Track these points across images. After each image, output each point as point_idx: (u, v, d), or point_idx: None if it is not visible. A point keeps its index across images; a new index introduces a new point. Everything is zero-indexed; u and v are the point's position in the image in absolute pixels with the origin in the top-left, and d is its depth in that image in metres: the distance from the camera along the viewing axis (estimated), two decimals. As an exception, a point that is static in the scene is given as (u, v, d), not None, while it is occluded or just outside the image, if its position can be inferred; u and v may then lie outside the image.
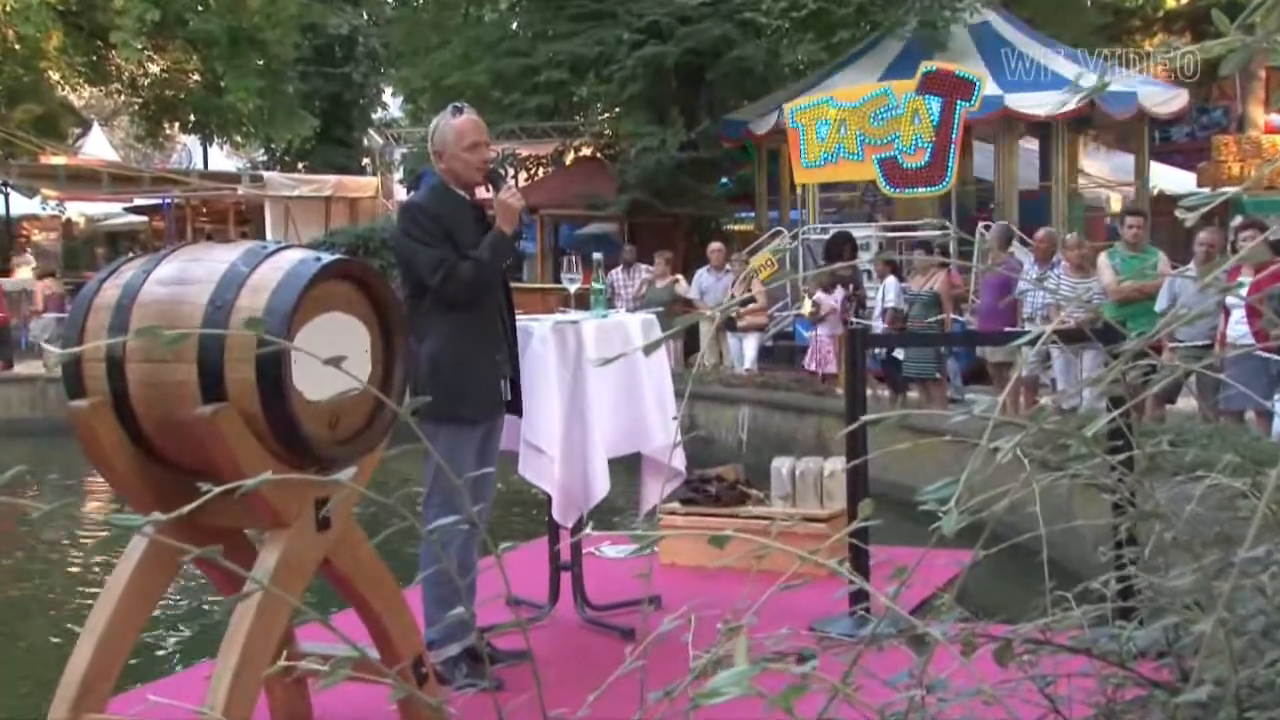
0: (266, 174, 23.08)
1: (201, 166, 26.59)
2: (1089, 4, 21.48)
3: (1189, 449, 1.68)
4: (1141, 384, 1.36)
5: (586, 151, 20.25)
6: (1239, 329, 7.29)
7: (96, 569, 7.49)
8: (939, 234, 13.65)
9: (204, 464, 2.74)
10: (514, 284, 4.55)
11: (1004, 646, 1.33)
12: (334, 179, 23.15)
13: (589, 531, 5.69)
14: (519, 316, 4.40)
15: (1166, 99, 14.77)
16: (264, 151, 28.66)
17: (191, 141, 29.15)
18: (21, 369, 15.24)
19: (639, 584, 4.87)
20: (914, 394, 10.51)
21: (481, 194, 4.25)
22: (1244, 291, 1.72)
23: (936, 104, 13.62)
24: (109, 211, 25.59)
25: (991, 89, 14.05)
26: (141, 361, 2.82)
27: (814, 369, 11.52)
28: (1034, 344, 1.30)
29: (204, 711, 2.60)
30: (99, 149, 27.44)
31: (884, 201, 16.46)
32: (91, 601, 2.92)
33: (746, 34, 16.92)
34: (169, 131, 25.61)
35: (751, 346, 12.47)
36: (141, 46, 18.62)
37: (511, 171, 19.22)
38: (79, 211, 24.72)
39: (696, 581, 4.84)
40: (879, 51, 16.68)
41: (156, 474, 2.93)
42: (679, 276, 13.55)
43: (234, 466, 2.67)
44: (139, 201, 23.89)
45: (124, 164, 26.45)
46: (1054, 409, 1.30)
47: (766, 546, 1.10)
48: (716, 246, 13.43)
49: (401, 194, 22.37)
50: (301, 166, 26.44)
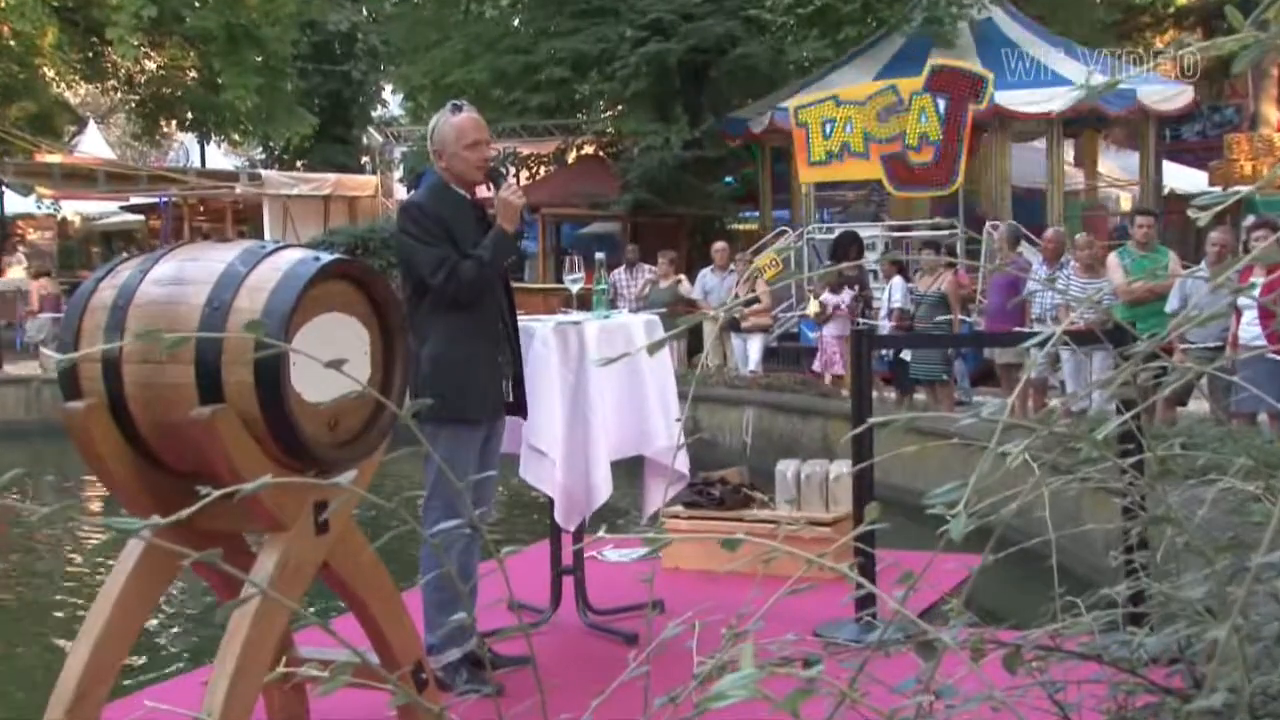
0: (265, 172, 23.10)
1: (199, 165, 26.63)
2: (1099, 1, 21.46)
3: (1201, 452, 1.68)
4: (1153, 386, 1.35)
5: (589, 150, 20.24)
6: (1251, 330, 7.29)
7: (94, 572, 7.50)
8: (946, 234, 13.65)
9: (201, 467, 2.74)
10: (515, 284, 4.55)
11: (1013, 652, 1.33)
12: (333, 178, 23.17)
13: (602, 534, 5.70)
14: (520, 317, 4.40)
15: (1169, 96, 14.63)
16: (262, 150, 28.69)
17: (189, 139, 29.21)
18: (16, 370, 15.25)
19: (641, 588, 4.86)
20: (921, 396, 10.50)
21: (482, 193, 4.25)
22: (1256, 292, 1.72)
23: (944, 102, 13.60)
24: (105, 210, 25.63)
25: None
26: (138, 363, 2.82)
27: (819, 370, 11.52)
28: (1043, 345, 1.30)
29: (201, 717, 2.60)
30: (95, 147, 27.48)
31: (880, 201, 16.45)
32: (88, 605, 2.92)
33: (751, 31, 16.92)
34: (166, 129, 25.65)
35: (756, 348, 12.46)
36: (138, 43, 18.63)
37: (512, 170, 19.21)
38: (74, 210, 24.76)
39: (700, 586, 4.85)
40: (878, 50, 16.68)
41: (153, 477, 2.93)
42: (681, 277, 13.55)
43: (232, 469, 2.67)
44: (135, 200, 23.92)
45: (120, 162, 26.51)
46: (1063, 411, 1.30)
47: (773, 550, 1.10)
48: (720, 246, 13.42)
49: (401, 193, 22.38)
50: (300, 165, 26.47)
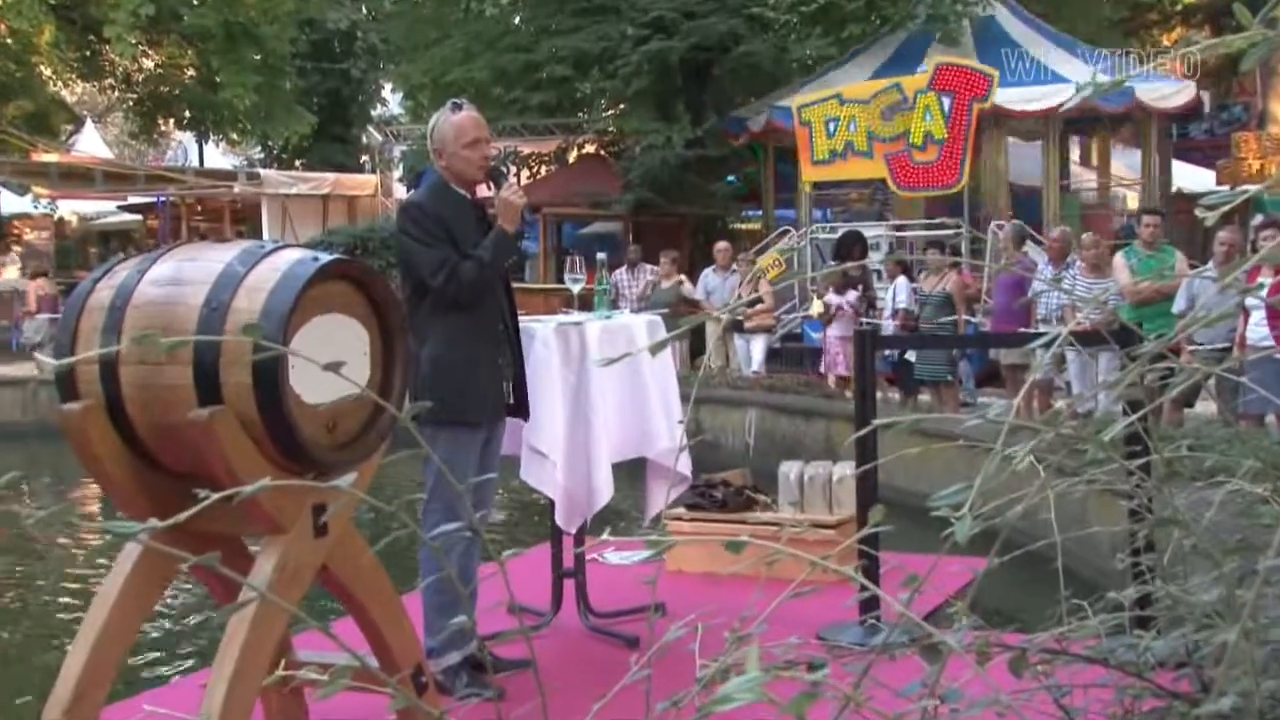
0: (263, 172, 23.12)
1: (197, 164, 26.65)
2: (1105, -2, 21.47)
3: (1208, 454, 1.68)
4: (1159, 387, 1.35)
5: (590, 149, 20.24)
6: (1259, 331, 7.29)
7: (92, 574, 7.50)
8: (950, 233, 13.65)
9: (199, 469, 2.74)
10: (515, 284, 4.55)
11: (1019, 656, 1.33)
12: (332, 177, 23.18)
13: (606, 536, 5.68)
14: (521, 317, 4.40)
15: (1168, 93, 14.48)
16: (261, 149, 28.72)
17: (187, 138, 29.24)
18: (12, 371, 15.25)
19: (643, 591, 4.86)
20: (925, 397, 10.49)
21: (483, 192, 4.25)
22: (1264, 293, 1.72)
23: (948, 100, 13.60)
24: (102, 210, 25.64)
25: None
26: (135, 364, 2.82)
27: (824, 371, 11.51)
28: (1049, 346, 1.30)
29: (199, 721, 2.60)
30: (92, 146, 27.50)
31: (884, 201, 16.44)
32: (85, 608, 2.93)
33: (754, 29, 16.91)
34: (164, 128, 25.67)
35: (759, 348, 12.46)
36: (135, 41, 18.65)
37: (513, 169, 19.22)
38: (71, 210, 24.76)
39: (702, 589, 4.85)
40: (876, 47, 16.69)
41: (151, 479, 2.93)
42: (682, 278, 13.54)
43: (230, 471, 2.67)
44: (133, 200, 23.94)
45: (118, 161, 26.52)
46: (1069, 413, 1.30)
47: (777, 553, 1.10)
48: (722, 246, 13.41)
49: (401, 192, 22.39)
50: (299, 164, 26.49)
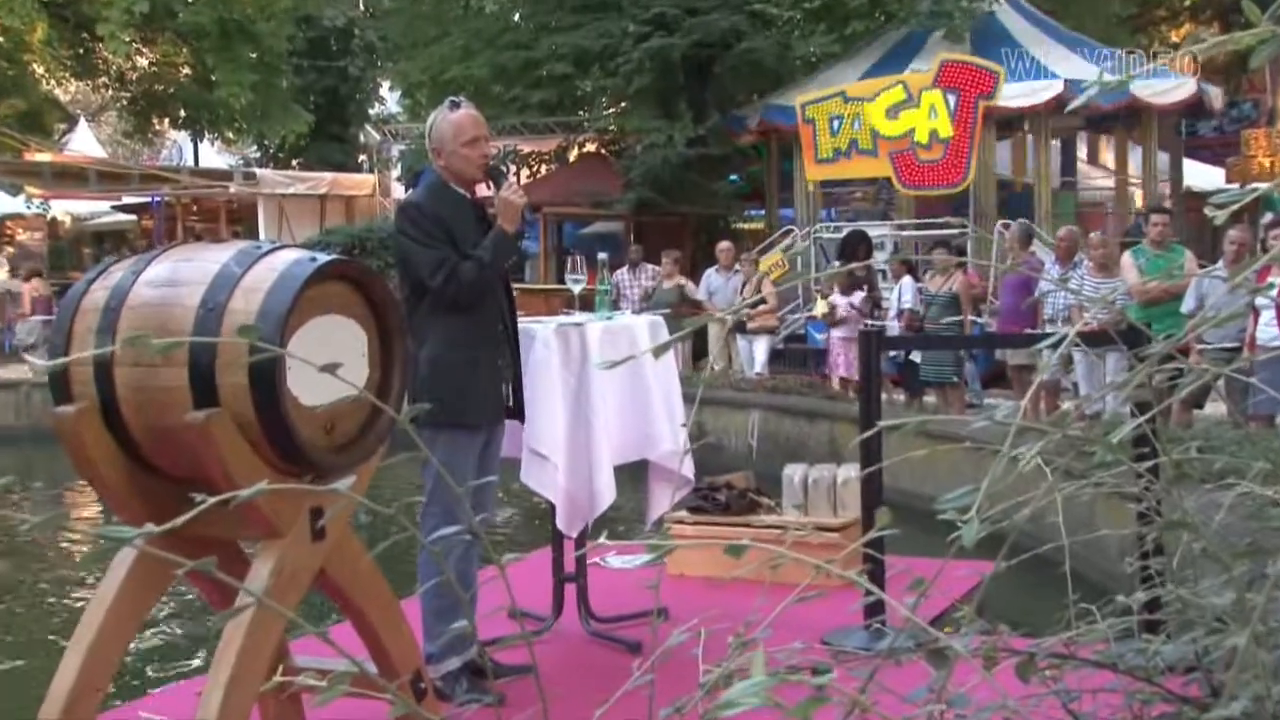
0: (259, 171, 23.12)
1: (192, 163, 26.65)
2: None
3: (1218, 456, 1.68)
4: (1168, 388, 1.35)
5: (591, 148, 20.25)
6: (1269, 331, 7.28)
7: (86, 579, 7.51)
8: (955, 232, 13.65)
9: (196, 472, 2.74)
10: (515, 284, 4.55)
11: (1026, 661, 1.33)
12: (329, 176, 23.19)
13: (603, 540, 5.70)
14: (521, 318, 4.40)
15: (1166, 89, 14.38)
16: (257, 148, 28.71)
17: (181, 138, 29.22)
18: (6, 373, 15.27)
19: (645, 596, 4.86)
20: (931, 398, 10.49)
21: (482, 191, 4.25)
22: (1275, 292, 1.72)
23: (954, 98, 13.60)
24: (96, 210, 25.63)
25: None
26: (130, 366, 2.82)
27: (827, 373, 11.51)
28: (1057, 347, 1.30)
29: (195, 728, 2.60)
30: (86, 145, 27.50)
31: (889, 200, 16.42)
32: (80, 613, 2.93)
33: (756, 26, 16.92)
34: (158, 127, 25.72)
35: (762, 349, 12.45)
36: (129, 39, 18.65)
37: (513, 168, 19.23)
38: (65, 210, 24.75)
39: (705, 593, 4.85)
40: (874, 44, 16.69)
41: (146, 482, 2.93)
42: (684, 280, 13.53)
43: (226, 474, 2.67)
44: (127, 200, 23.94)
45: (112, 161, 26.54)
46: (1077, 414, 1.30)
47: (781, 556, 1.11)
48: (725, 246, 13.41)
49: (399, 192, 22.40)
50: (296, 164, 26.48)
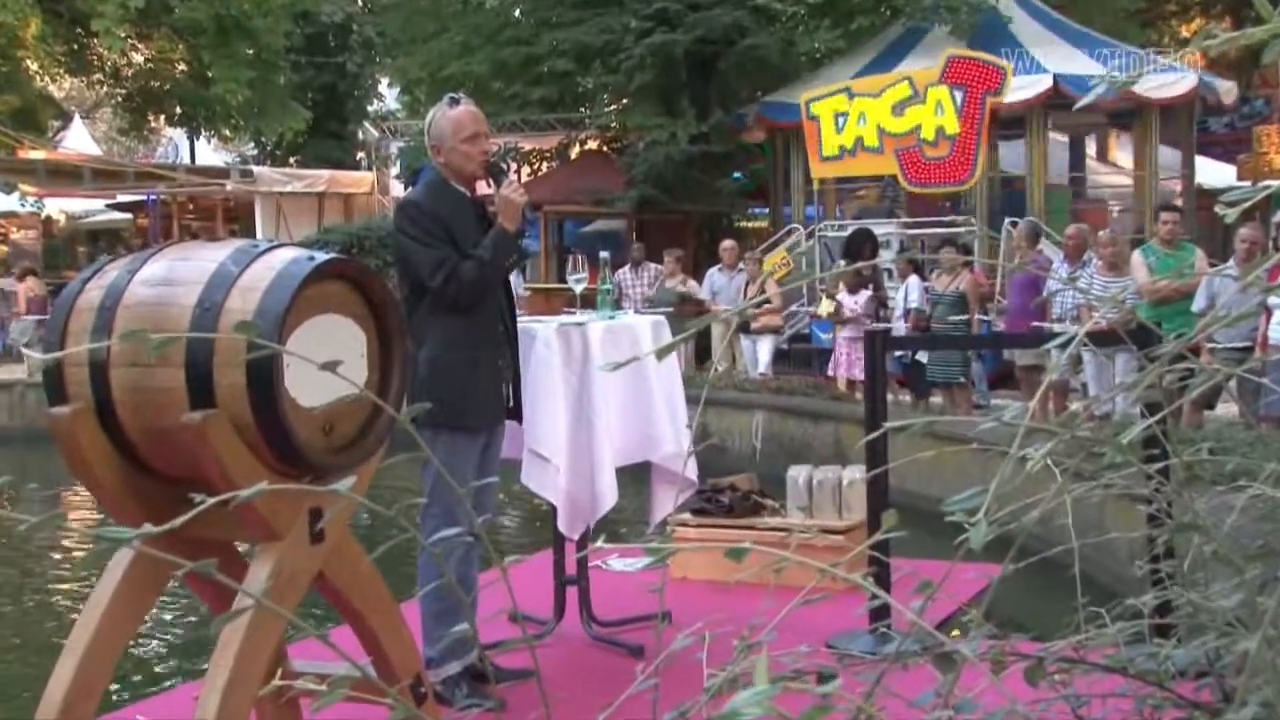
0: (256, 169, 23.15)
1: (188, 161, 26.65)
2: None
3: (1230, 457, 1.68)
4: (1179, 389, 1.35)
5: (592, 145, 20.26)
6: (1281, 331, 7.28)
7: (81, 582, 7.51)
8: (963, 230, 13.64)
9: (192, 473, 2.75)
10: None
11: (1035, 665, 1.33)
12: (327, 174, 23.21)
13: (601, 544, 5.70)
14: (521, 318, 4.40)
15: (1163, 84, 14.29)
16: (254, 145, 28.74)
17: (178, 135, 29.24)
18: (0, 374, 15.29)
19: (647, 599, 4.86)
20: (937, 399, 10.49)
21: (482, 189, 4.25)
22: (1287, 291, 1.72)
23: (960, 94, 13.59)
24: (90, 208, 25.66)
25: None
26: (126, 366, 2.82)
27: (833, 374, 11.50)
28: (1065, 347, 1.30)
29: (192, 733, 2.61)
30: (80, 143, 27.52)
31: (895, 198, 16.41)
32: (75, 616, 2.93)
33: (760, 21, 16.92)
34: (154, 124, 25.70)
35: (766, 350, 12.45)
36: (125, 35, 18.66)
37: (514, 166, 19.23)
38: (59, 208, 24.78)
39: (708, 596, 4.84)
40: (874, 41, 16.68)
41: (142, 484, 2.93)
42: (686, 279, 13.51)
43: (224, 476, 2.67)
44: (122, 198, 23.97)
45: (106, 159, 26.56)
46: (1086, 415, 1.30)
47: (785, 559, 1.11)
48: (729, 244, 13.41)
49: (398, 189, 22.43)
50: (293, 161, 26.51)
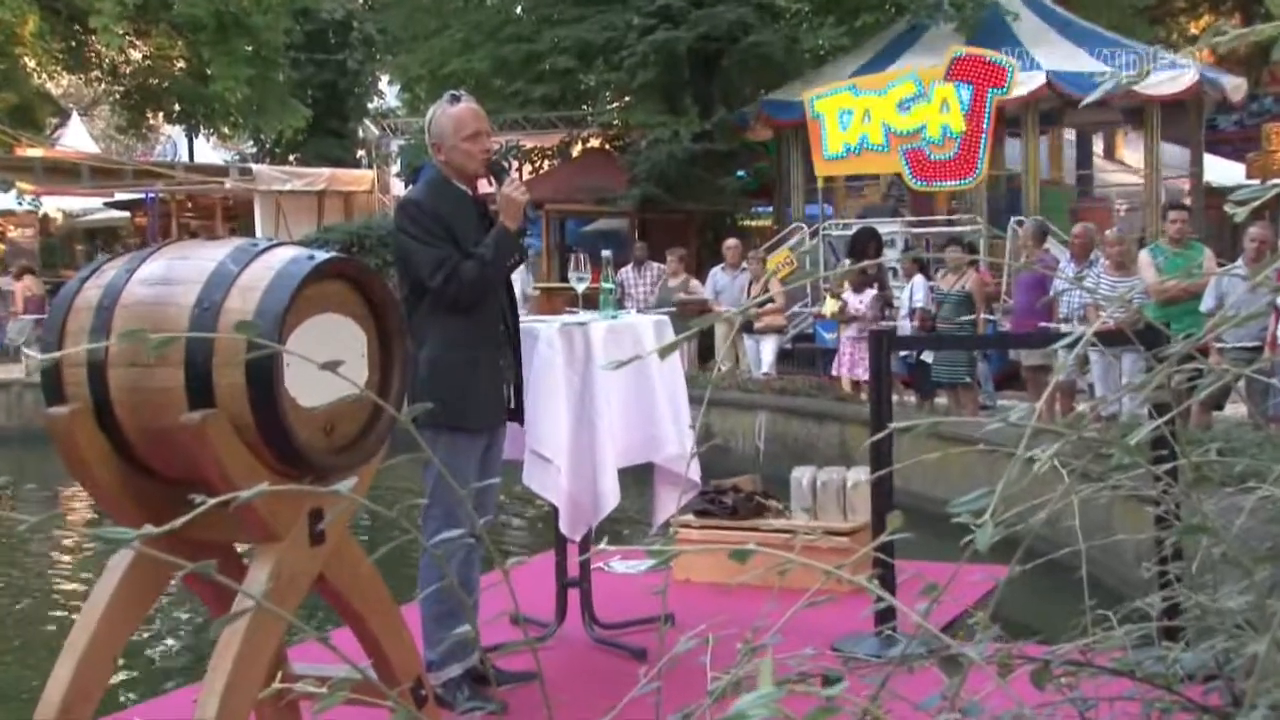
0: (256, 167, 23.16)
1: (187, 159, 26.67)
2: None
3: (1238, 458, 1.68)
4: (1187, 389, 1.35)
5: (594, 143, 20.26)
6: (1290, 330, 7.27)
7: (79, 583, 7.52)
8: (968, 229, 13.63)
9: (191, 474, 2.75)
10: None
11: (1042, 668, 1.33)
12: (327, 172, 23.22)
13: (605, 546, 5.69)
14: (523, 318, 4.40)
15: (1163, 80, 14.17)
16: (253, 143, 28.76)
17: (176, 133, 29.27)
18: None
19: (649, 601, 4.86)
20: (942, 399, 10.48)
21: (484, 187, 4.25)
22: (1296, 291, 1.72)
23: (967, 92, 13.59)
24: (88, 207, 25.70)
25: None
26: (125, 366, 2.83)
27: (836, 374, 11.49)
28: (1073, 347, 1.30)
29: (191, 736, 2.61)
30: (78, 140, 27.56)
31: (899, 196, 16.40)
32: (72, 618, 2.93)
33: (764, 18, 16.92)
34: (152, 122, 25.74)
35: (769, 349, 12.44)
36: (123, 31, 18.69)
37: (515, 164, 19.24)
38: (56, 207, 24.81)
39: (711, 598, 4.84)
40: (872, 39, 16.67)
41: (140, 485, 2.94)
42: (690, 280, 13.50)
43: (223, 477, 2.67)
44: (120, 196, 23.99)
45: (104, 156, 26.57)
46: (1094, 416, 1.30)
47: (789, 562, 1.11)
48: (732, 243, 13.40)
49: (399, 188, 22.44)
50: (293, 159, 26.52)
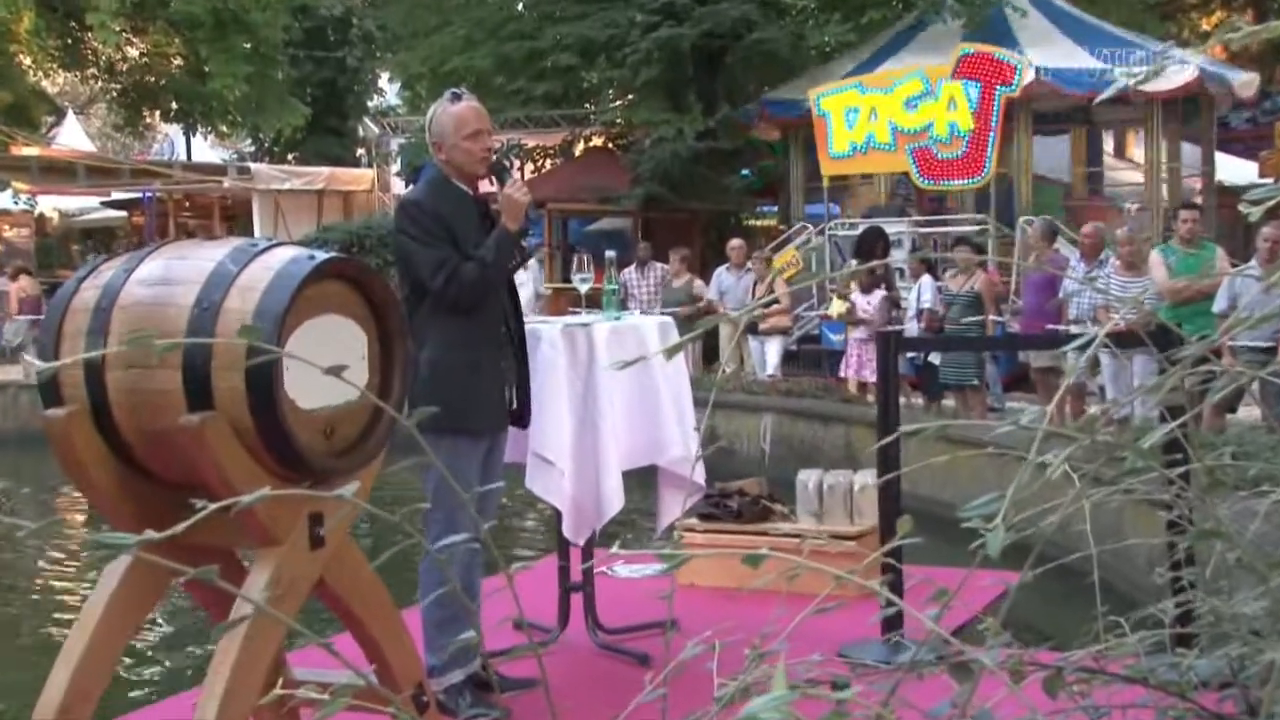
0: (254, 166, 23.19)
1: (184, 158, 26.73)
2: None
3: (1253, 462, 1.68)
4: (1200, 392, 1.35)
5: (597, 141, 20.27)
6: (1304, 332, 7.26)
7: (75, 588, 7.52)
8: (975, 229, 13.63)
9: (190, 477, 2.75)
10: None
11: (1054, 675, 1.33)
12: (327, 171, 23.24)
13: (617, 549, 5.68)
14: (531, 318, 4.40)
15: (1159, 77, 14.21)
16: (251, 142, 28.80)
17: (174, 131, 29.31)
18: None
19: (653, 606, 4.86)
20: (950, 402, 10.47)
21: (485, 186, 4.26)
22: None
23: (975, 89, 13.58)
24: (85, 206, 25.72)
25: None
26: (123, 367, 2.83)
27: (844, 376, 11.48)
28: (1085, 349, 1.30)
29: (189, 743, 2.61)
30: (74, 139, 27.61)
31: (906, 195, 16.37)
32: (69, 623, 2.94)
33: (769, 15, 16.92)
34: (149, 120, 25.74)
35: (774, 351, 12.44)
36: (120, 29, 18.72)
37: (517, 164, 19.25)
38: (52, 206, 24.84)
39: (715, 603, 4.85)
40: (875, 36, 16.67)
41: (138, 488, 2.94)
42: (694, 281, 13.51)
43: (222, 480, 2.68)
44: (117, 195, 24.00)
45: (101, 155, 26.61)
46: (1106, 419, 1.30)
47: (799, 566, 1.11)
48: (737, 243, 13.39)
49: (399, 187, 22.45)
50: (292, 158, 26.54)
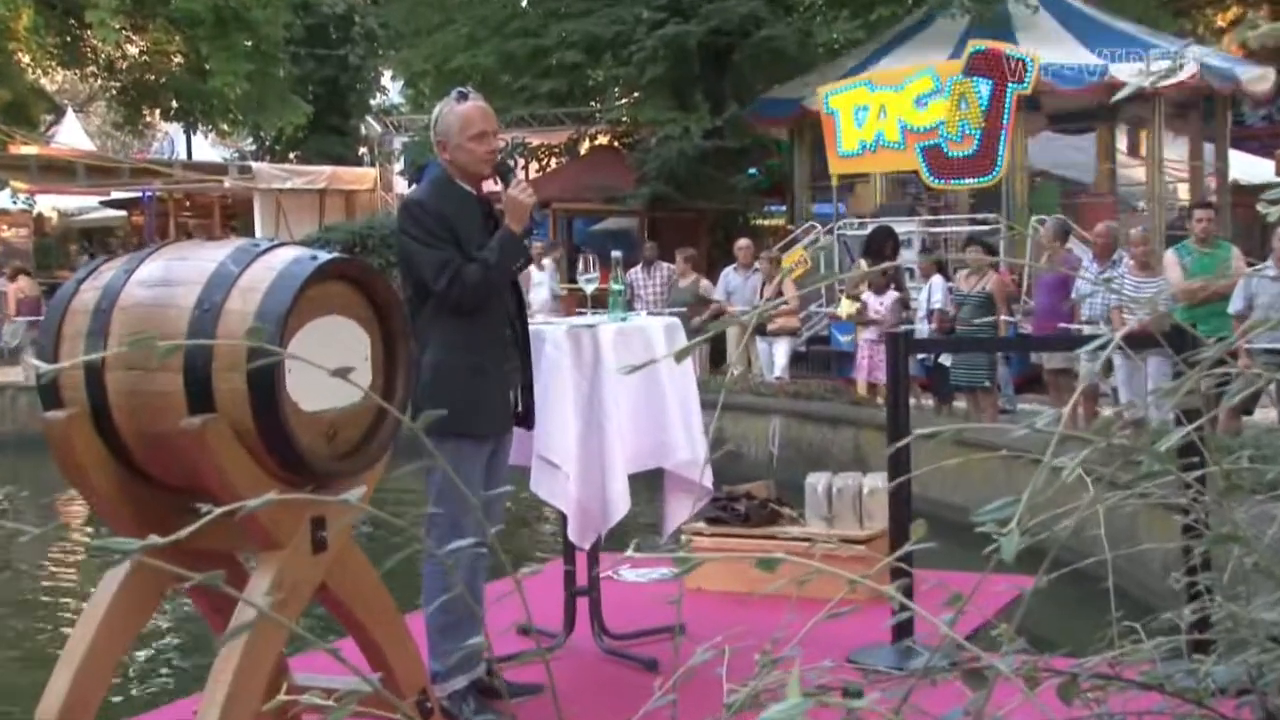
0: (255, 165, 23.23)
1: (185, 157, 26.78)
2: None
3: (1271, 465, 1.67)
4: (1216, 394, 1.35)
5: (603, 140, 20.28)
6: (1321, 333, 7.25)
7: (75, 593, 7.53)
8: (988, 228, 13.60)
9: (190, 480, 2.75)
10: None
11: (1069, 682, 1.33)
12: (329, 170, 23.27)
13: (630, 553, 5.68)
14: (540, 320, 4.40)
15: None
16: (252, 140, 28.84)
17: (174, 130, 29.36)
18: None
19: (660, 611, 4.86)
20: (961, 404, 10.46)
21: (489, 186, 4.26)
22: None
23: (986, 87, 13.56)
24: (84, 205, 25.76)
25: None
26: (123, 369, 2.83)
27: (854, 377, 11.47)
28: (1100, 350, 1.29)
29: (191, 750, 2.61)
30: (73, 137, 27.64)
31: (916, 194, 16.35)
32: (69, 628, 2.94)
33: (776, 11, 16.91)
34: (149, 119, 25.76)
35: (782, 352, 12.42)
36: (119, 26, 18.74)
37: (521, 163, 19.25)
38: (51, 206, 24.87)
39: (724, 608, 4.84)
40: (873, 35, 16.66)
41: (139, 491, 2.94)
42: (700, 281, 13.51)
43: (224, 483, 2.68)
44: (117, 195, 24.05)
45: (100, 154, 26.66)
46: (1122, 422, 1.30)
47: (814, 570, 1.10)
48: (744, 243, 13.39)
49: (402, 186, 22.47)
50: (293, 157, 26.59)
